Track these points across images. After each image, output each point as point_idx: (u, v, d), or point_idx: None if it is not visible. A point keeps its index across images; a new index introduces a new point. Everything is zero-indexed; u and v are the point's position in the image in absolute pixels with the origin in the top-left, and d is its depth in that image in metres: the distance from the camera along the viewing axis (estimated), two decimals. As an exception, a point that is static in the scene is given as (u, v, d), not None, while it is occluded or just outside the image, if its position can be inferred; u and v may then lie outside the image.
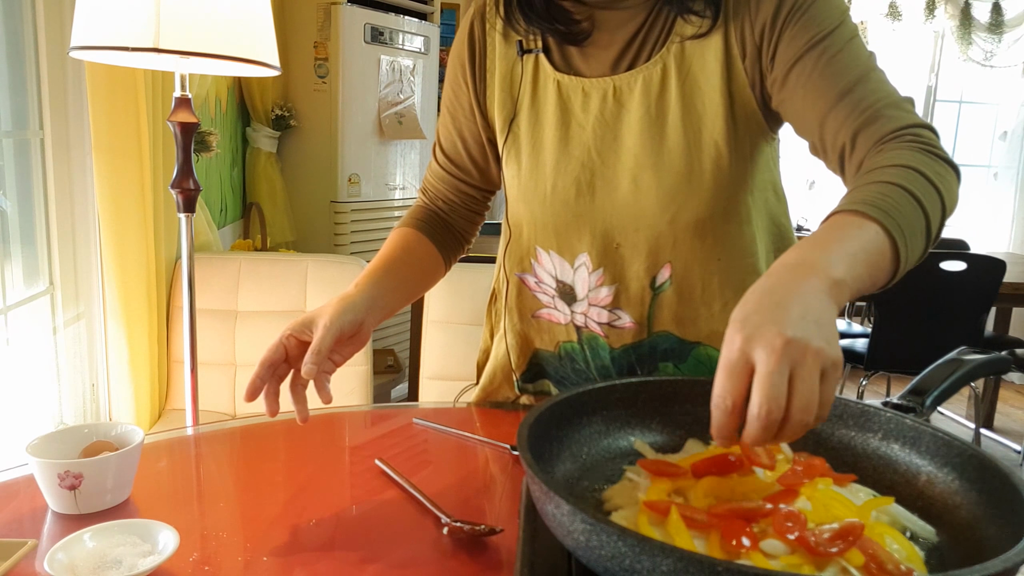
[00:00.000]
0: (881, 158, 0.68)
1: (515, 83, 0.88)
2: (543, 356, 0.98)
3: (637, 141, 0.82)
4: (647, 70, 0.82)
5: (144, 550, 0.62)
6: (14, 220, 1.61)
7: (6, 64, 1.56)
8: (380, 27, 2.99)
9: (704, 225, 0.84)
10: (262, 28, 1.34)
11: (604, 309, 0.89)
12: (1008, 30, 4.03)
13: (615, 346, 0.90)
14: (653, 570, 0.43)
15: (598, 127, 0.84)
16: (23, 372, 1.59)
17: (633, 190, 0.83)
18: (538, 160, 0.87)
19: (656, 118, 0.82)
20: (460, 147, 0.96)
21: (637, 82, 0.82)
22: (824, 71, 0.75)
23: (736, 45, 0.80)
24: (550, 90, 0.86)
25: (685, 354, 0.90)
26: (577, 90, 0.85)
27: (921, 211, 0.63)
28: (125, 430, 0.78)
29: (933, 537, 0.57)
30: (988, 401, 3.51)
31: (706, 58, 0.80)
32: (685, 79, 0.81)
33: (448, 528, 0.70)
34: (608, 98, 0.83)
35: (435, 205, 1.01)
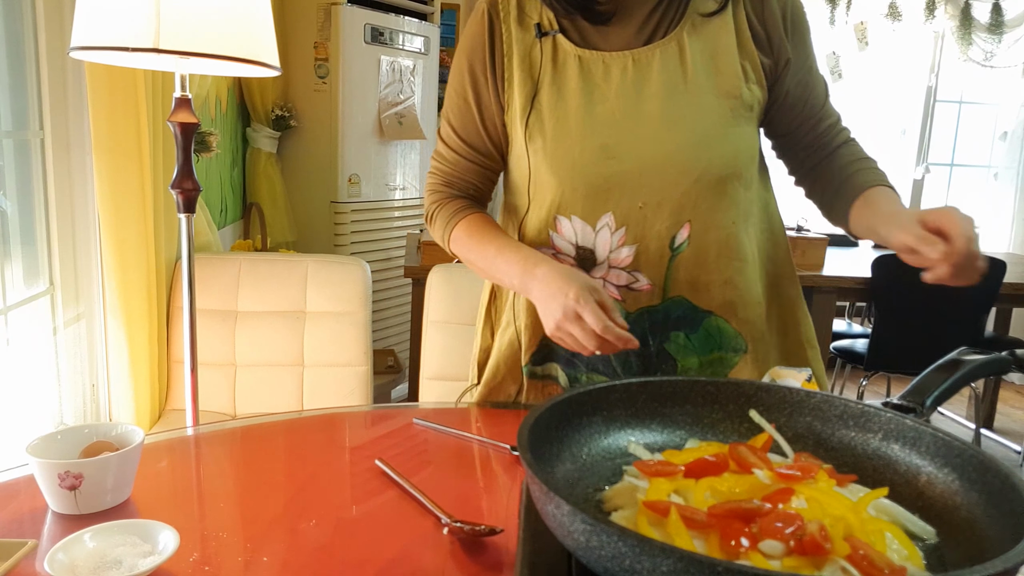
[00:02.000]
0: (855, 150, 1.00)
1: (535, 64, 0.93)
2: None
3: (662, 104, 0.89)
4: (664, 45, 0.90)
5: (144, 550, 0.62)
6: (14, 220, 1.61)
7: (6, 64, 1.56)
8: (380, 27, 2.99)
9: (724, 184, 0.92)
10: (262, 28, 1.34)
11: (623, 271, 0.93)
12: (1008, 30, 4.03)
13: (631, 310, 0.94)
14: (653, 570, 0.43)
15: (621, 94, 0.90)
16: (23, 372, 1.59)
17: (659, 149, 0.89)
18: (564, 129, 0.91)
19: (678, 82, 0.89)
20: (483, 134, 0.99)
21: (655, 54, 0.90)
22: (812, 87, 0.98)
23: (746, 25, 0.91)
24: (571, 65, 0.91)
25: (697, 324, 0.95)
26: (598, 63, 0.91)
27: None
28: (125, 430, 0.78)
29: (933, 537, 0.57)
30: (988, 401, 3.51)
31: (719, 33, 0.91)
32: (703, 49, 0.90)
33: (448, 528, 0.70)
34: (628, 68, 0.90)
35: (468, 194, 1.03)
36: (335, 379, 1.93)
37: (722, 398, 0.71)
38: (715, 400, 0.71)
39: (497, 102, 0.96)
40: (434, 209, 1.02)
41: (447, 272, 1.76)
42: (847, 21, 3.98)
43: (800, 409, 0.69)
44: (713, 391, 0.71)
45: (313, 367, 1.94)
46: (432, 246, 2.43)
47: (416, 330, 2.42)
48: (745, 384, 0.71)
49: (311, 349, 1.93)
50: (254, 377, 1.94)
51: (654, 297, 0.94)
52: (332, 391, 1.93)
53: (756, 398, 0.70)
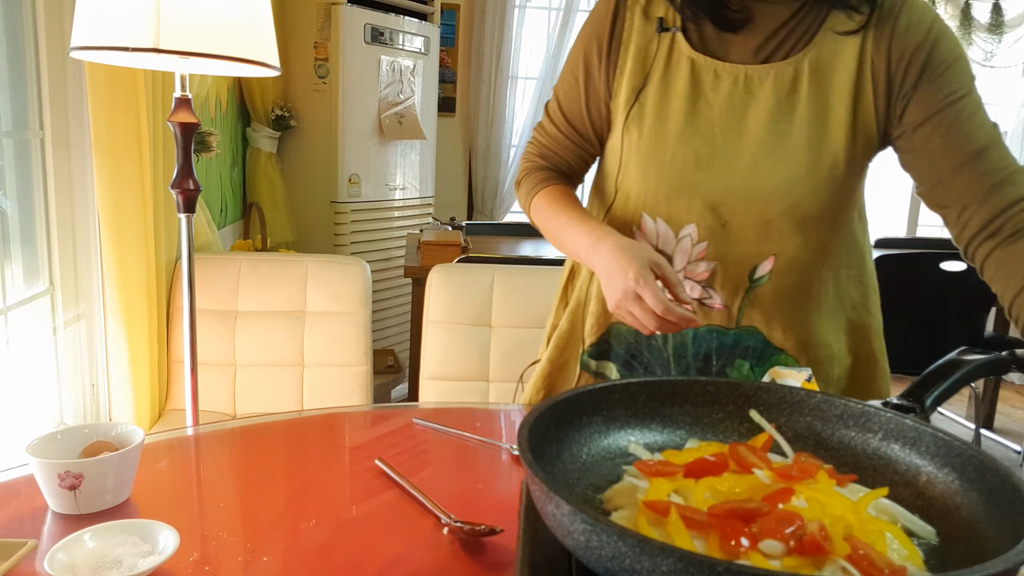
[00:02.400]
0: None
1: (649, 57, 0.92)
2: (618, 331, 0.98)
3: (763, 128, 0.86)
4: (780, 68, 0.86)
5: (144, 550, 0.62)
6: (14, 220, 1.61)
7: (6, 64, 1.56)
8: (380, 27, 2.99)
9: (813, 224, 0.88)
10: (262, 28, 1.34)
11: (698, 284, 0.92)
12: (1008, 30, 4.03)
13: (701, 324, 0.93)
14: (653, 570, 0.43)
15: (726, 108, 0.88)
16: (23, 372, 1.59)
17: (751, 173, 0.87)
18: (662, 129, 0.90)
19: (785, 113, 0.86)
20: (586, 116, 0.98)
21: (769, 76, 0.87)
22: (960, 129, 0.83)
23: (871, 70, 0.85)
24: (683, 67, 0.89)
25: (765, 358, 0.92)
26: (710, 71, 0.88)
27: None
28: (125, 430, 0.78)
29: (933, 537, 0.57)
30: (988, 401, 3.51)
31: (837, 76, 0.86)
32: (817, 87, 0.86)
33: (448, 528, 0.70)
34: (739, 83, 0.87)
35: (560, 170, 1.03)
36: (335, 379, 1.93)
37: (722, 398, 0.71)
38: (715, 400, 0.71)
39: (606, 87, 0.95)
40: (522, 176, 1.02)
41: (447, 272, 1.76)
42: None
43: (800, 409, 0.69)
44: (713, 391, 0.71)
45: (313, 367, 1.94)
46: (432, 246, 2.43)
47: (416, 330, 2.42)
48: (745, 384, 0.71)
49: (311, 349, 1.93)
50: (254, 377, 1.94)
51: (727, 320, 0.92)
52: (332, 391, 1.93)
53: (756, 398, 0.70)
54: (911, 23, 0.84)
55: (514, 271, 1.80)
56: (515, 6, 3.90)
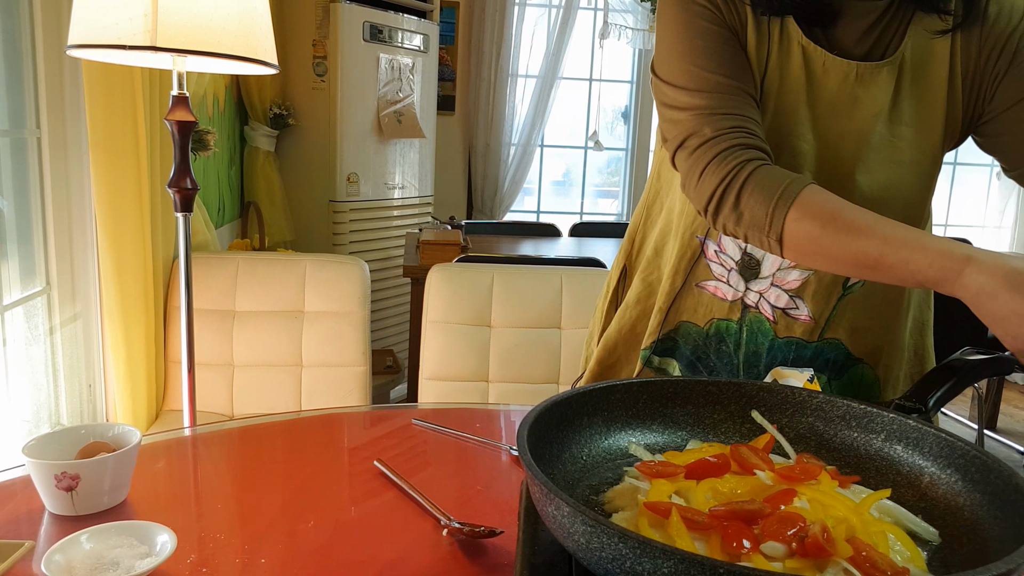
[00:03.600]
0: None
1: (764, 38, 0.83)
2: (687, 331, 0.93)
3: (868, 129, 0.82)
4: (891, 63, 0.82)
5: (141, 552, 0.62)
6: (11, 219, 1.60)
7: (3, 63, 1.56)
8: (379, 25, 2.99)
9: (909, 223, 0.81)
10: (260, 26, 1.34)
11: (785, 293, 0.87)
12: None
13: (780, 335, 0.88)
14: (654, 572, 0.43)
15: (833, 108, 0.83)
16: (20, 372, 1.58)
17: (852, 179, 0.83)
18: (774, 125, 0.83)
19: (888, 112, 0.83)
20: (753, 86, 0.83)
21: (881, 72, 0.82)
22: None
23: (963, 64, 0.83)
24: (796, 53, 0.83)
25: (844, 370, 0.89)
26: (819, 62, 0.82)
27: None
28: (122, 431, 0.77)
29: (936, 538, 0.57)
30: (991, 402, 3.51)
31: (932, 70, 0.83)
32: (915, 85, 0.83)
33: (448, 529, 0.70)
34: (849, 80, 0.82)
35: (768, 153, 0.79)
36: (334, 379, 1.93)
37: (724, 399, 0.70)
38: (717, 401, 0.70)
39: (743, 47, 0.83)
40: (747, 175, 0.75)
41: (446, 272, 1.75)
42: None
43: (802, 410, 0.68)
44: (715, 392, 0.71)
45: (311, 367, 1.94)
46: (431, 245, 2.42)
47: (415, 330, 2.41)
48: (747, 385, 0.71)
49: (309, 349, 1.93)
50: (252, 377, 1.93)
51: (810, 334, 0.88)
52: (331, 391, 1.92)
53: (758, 399, 0.70)
54: (1001, 12, 0.83)
55: (514, 271, 1.80)
56: (515, 3, 3.90)
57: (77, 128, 1.70)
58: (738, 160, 0.75)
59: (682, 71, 0.80)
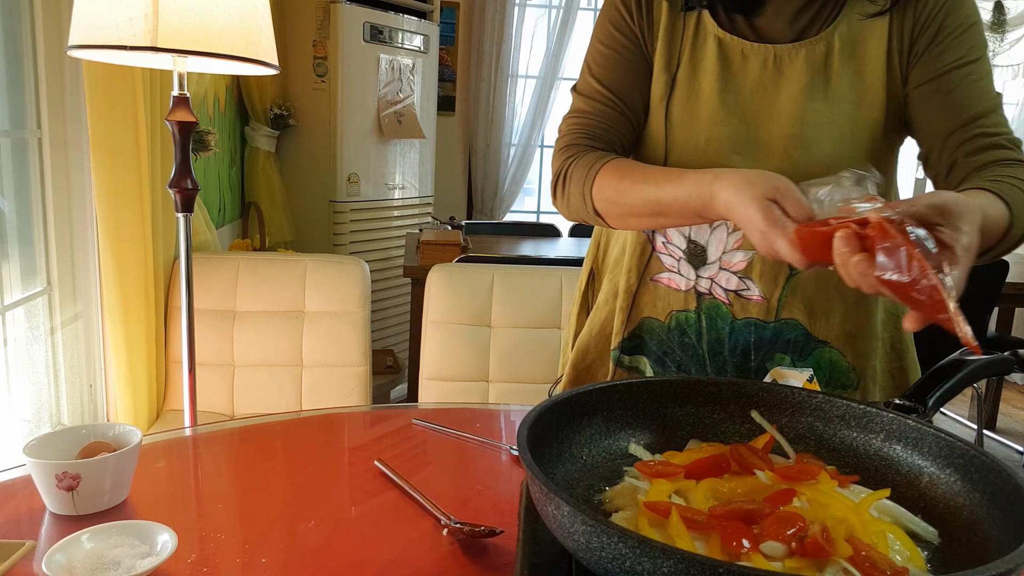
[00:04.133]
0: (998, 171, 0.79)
1: (676, 36, 0.88)
2: (650, 326, 0.95)
3: (797, 108, 0.84)
4: (811, 45, 0.84)
5: (142, 551, 0.62)
6: (11, 220, 1.60)
7: (4, 63, 1.56)
8: (379, 26, 2.99)
9: None
10: (261, 26, 1.34)
11: (734, 275, 0.89)
12: (1010, 29, 4.03)
13: (738, 317, 0.89)
14: (654, 572, 0.43)
15: (757, 90, 0.85)
16: (21, 372, 1.58)
17: (786, 155, 0.84)
18: (693, 112, 0.87)
19: (820, 89, 0.84)
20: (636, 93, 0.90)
21: (799, 54, 0.84)
22: (960, 93, 0.83)
23: (896, 40, 0.84)
24: (710, 46, 0.86)
25: (807, 352, 0.89)
26: (737, 51, 0.86)
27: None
28: (123, 431, 0.77)
29: (935, 538, 0.57)
30: (990, 402, 3.51)
31: (870, 46, 0.84)
32: (849, 60, 0.84)
33: (448, 529, 0.70)
34: (768, 65, 0.85)
35: (614, 149, 0.90)
36: (334, 379, 1.93)
37: (723, 399, 0.70)
38: (716, 401, 0.70)
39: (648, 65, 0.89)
40: (569, 164, 0.87)
41: (447, 272, 1.75)
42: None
43: (802, 410, 0.69)
44: (714, 392, 0.71)
45: (312, 367, 1.94)
46: (431, 245, 2.42)
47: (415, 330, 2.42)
48: (747, 384, 0.71)
49: (310, 349, 1.93)
50: (252, 377, 1.94)
51: (765, 313, 0.88)
52: (331, 391, 1.92)
53: (758, 398, 0.70)
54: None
55: (514, 271, 1.80)
56: (515, 4, 3.90)
57: (78, 128, 1.70)
58: (569, 154, 0.87)
59: (582, 78, 0.92)
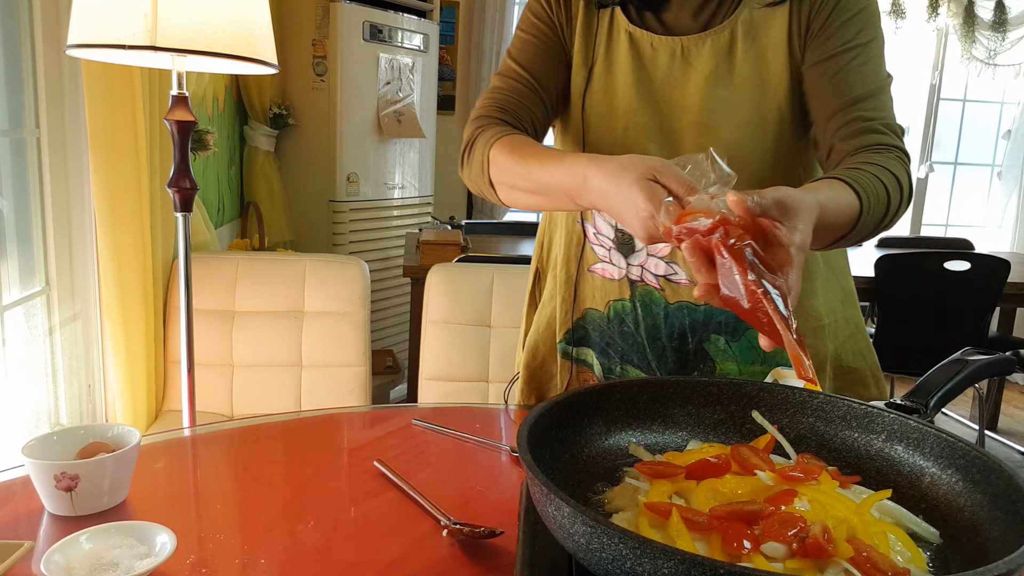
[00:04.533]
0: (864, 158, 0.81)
1: (592, 32, 0.92)
2: (592, 317, 0.97)
3: (704, 96, 0.87)
4: (715, 34, 0.87)
5: (141, 552, 0.62)
6: (10, 219, 1.60)
7: (2, 62, 1.56)
8: (379, 25, 2.99)
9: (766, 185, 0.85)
10: (260, 26, 1.34)
11: (661, 260, 0.91)
12: (1012, 28, 4.03)
13: (671, 301, 0.92)
14: (654, 572, 0.43)
15: (667, 80, 0.89)
16: (19, 373, 1.58)
17: (698, 142, 0.87)
18: (611, 104, 0.90)
19: (725, 76, 0.87)
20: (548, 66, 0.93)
21: (705, 44, 0.87)
22: (846, 76, 0.85)
23: (796, 23, 0.86)
24: (623, 41, 0.90)
25: (740, 332, 0.91)
26: (647, 44, 0.89)
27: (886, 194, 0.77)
28: (122, 431, 0.77)
29: (936, 539, 0.56)
30: (992, 402, 3.51)
31: (772, 30, 0.86)
32: (752, 45, 0.87)
33: (448, 530, 0.70)
34: (676, 56, 0.88)
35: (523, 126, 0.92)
36: (333, 379, 1.93)
37: (724, 399, 0.70)
38: (717, 401, 0.70)
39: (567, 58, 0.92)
40: (478, 133, 0.88)
41: (446, 272, 1.75)
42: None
43: (803, 410, 0.68)
44: (715, 392, 0.70)
45: (311, 367, 1.94)
46: (431, 245, 2.42)
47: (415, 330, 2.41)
48: (747, 385, 0.71)
49: (309, 349, 1.93)
50: (252, 377, 1.93)
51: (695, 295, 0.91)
52: (330, 392, 1.92)
53: (758, 399, 0.70)
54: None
55: (513, 271, 1.80)
56: (515, 3, 3.90)
57: (76, 128, 1.70)
58: (479, 124, 0.89)
59: (502, 62, 0.95)
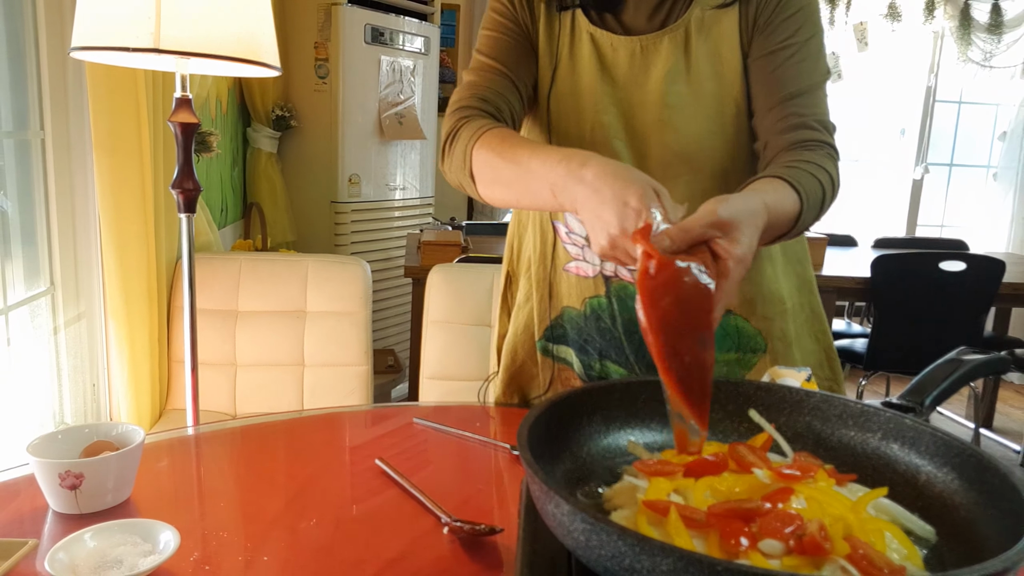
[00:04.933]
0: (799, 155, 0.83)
1: (554, 35, 0.93)
2: (569, 315, 0.98)
3: (663, 92, 0.88)
4: (672, 31, 0.88)
5: (145, 550, 0.62)
6: (15, 220, 1.61)
7: (7, 64, 1.56)
8: (380, 27, 2.99)
9: (730, 177, 0.89)
10: (263, 28, 1.35)
11: None
12: (1007, 31, 4.03)
13: None
14: (653, 570, 0.43)
15: (628, 79, 0.90)
16: (24, 372, 1.59)
17: (662, 140, 0.88)
18: (577, 106, 0.91)
19: (682, 72, 0.88)
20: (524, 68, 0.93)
21: (663, 41, 0.88)
22: (784, 72, 0.87)
23: (744, 20, 0.88)
24: (585, 41, 0.91)
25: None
26: (608, 45, 0.90)
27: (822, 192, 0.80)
28: (126, 430, 0.78)
29: (932, 537, 0.57)
30: (987, 401, 3.51)
31: (723, 26, 0.88)
32: (706, 41, 0.88)
33: (448, 528, 0.70)
34: (636, 55, 0.89)
35: (503, 117, 0.90)
36: (335, 379, 1.93)
37: (721, 398, 0.71)
38: (714, 400, 0.70)
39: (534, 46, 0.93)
40: (461, 125, 0.86)
41: (447, 272, 1.76)
42: (847, 21, 3.98)
43: (799, 409, 0.69)
44: (713, 391, 0.71)
45: (313, 367, 1.94)
46: (432, 246, 2.43)
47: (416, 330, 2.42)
48: (744, 384, 0.71)
49: (311, 349, 1.93)
50: (254, 377, 1.94)
51: None
52: (332, 391, 1.93)
53: (755, 398, 0.70)
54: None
55: (514, 271, 1.80)
56: (515, 6, 3.90)
57: (81, 130, 1.70)
58: (459, 115, 0.87)
59: (471, 62, 0.95)
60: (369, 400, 1.97)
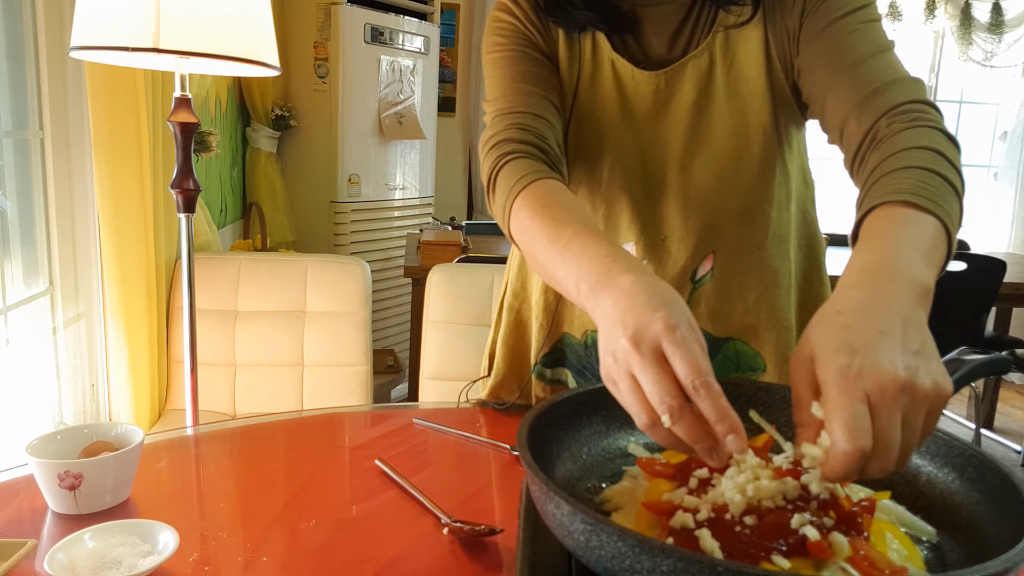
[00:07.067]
0: (900, 140, 0.67)
1: (575, 57, 0.86)
2: (569, 343, 0.96)
3: (685, 130, 0.84)
4: (695, 59, 0.84)
5: (144, 550, 0.62)
6: (14, 220, 1.61)
7: (6, 64, 1.56)
8: (380, 27, 2.99)
9: (751, 211, 0.86)
10: (262, 28, 1.34)
11: None
12: (1008, 30, 4.03)
13: None
14: (653, 570, 0.43)
15: (650, 116, 0.85)
16: (23, 372, 1.59)
17: (682, 179, 0.85)
18: (597, 142, 0.86)
19: (704, 106, 0.84)
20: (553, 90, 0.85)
21: (686, 70, 0.84)
22: (839, 43, 0.76)
23: (772, 32, 0.82)
24: (606, 69, 0.86)
25: (715, 351, 0.90)
26: (628, 75, 0.85)
27: (957, 198, 0.63)
28: (125, 430, 0.78)
29: (933, 537, 0.57)
30: (988, 401, 3.51)
31: (748, 45, 0.83)
32: (730, 67, 0.83)
33: (448, 528, 0.70)
34: (660, 89, 0.84)
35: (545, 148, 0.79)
36: (335, 379, 1.93)
37: (722, 398, 0.70)
38: (715, 400, 0.70)
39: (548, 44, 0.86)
40: (501, 166, 0.75)
41: (447, 272, 1.76)
42: (847, 21, 3.97)
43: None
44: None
45: (313, 367, 1.94)
46: (432, 246, 2.42)
47: (416, 330, 2.42)
48: (745, 384, 0.71)
49: (311, 349, 1.93)
50: (254, 377, 1.94)
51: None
52: (332, 391, 1.93)
53: (756, 398, 0.70)
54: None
55: (514, 271, 1.80)
56: (515, 6, 3.90)
57: (80, 129, 1.70)
58: (501, 151, 0.77)
59: (491, 85, 0.85)
60: (369, 400, 1.97)
